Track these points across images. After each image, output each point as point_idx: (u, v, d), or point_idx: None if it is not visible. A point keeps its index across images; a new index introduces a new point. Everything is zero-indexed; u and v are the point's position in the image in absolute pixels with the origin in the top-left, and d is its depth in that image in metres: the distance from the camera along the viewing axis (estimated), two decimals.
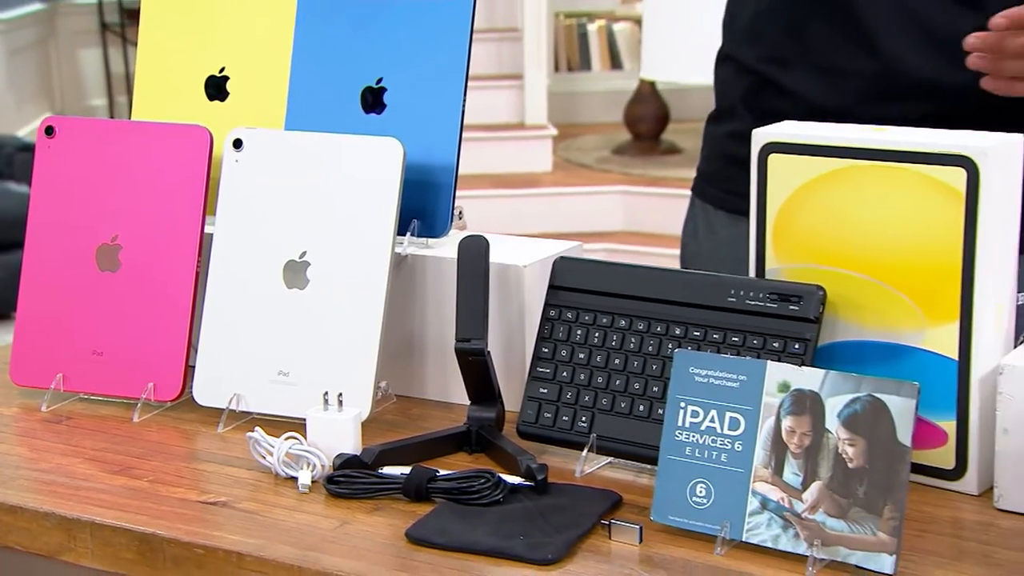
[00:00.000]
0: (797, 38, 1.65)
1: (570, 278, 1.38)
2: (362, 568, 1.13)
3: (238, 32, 1.64)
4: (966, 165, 1.20)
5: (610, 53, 8.36)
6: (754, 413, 1.15)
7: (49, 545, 1.26)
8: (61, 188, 1.55)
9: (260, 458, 1.33)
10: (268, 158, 1.49)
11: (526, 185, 6.56)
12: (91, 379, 1.52)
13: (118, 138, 1.54)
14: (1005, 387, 1.20)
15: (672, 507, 1.18)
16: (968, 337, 1.23)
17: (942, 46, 1.54)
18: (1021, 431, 1.19)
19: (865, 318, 1.28)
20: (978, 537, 1.18)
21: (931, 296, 1.24)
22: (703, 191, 1.83)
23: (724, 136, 1.77)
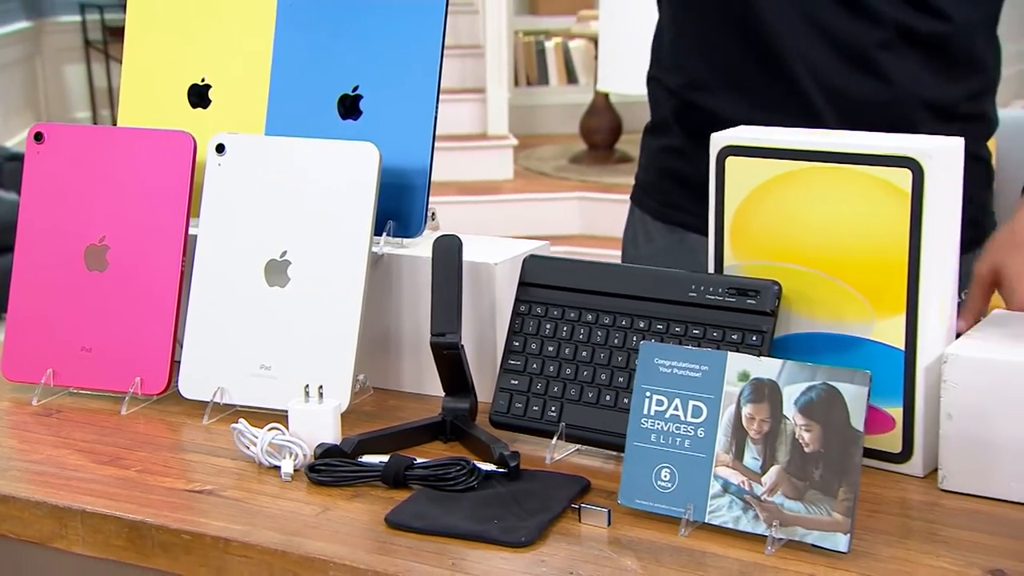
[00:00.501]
0: (714, 62, 1.62)
1: (539, 275, 1.37)
2: (343, 552, 1.11)
3: (219, 43, 1.62)
4: (911, 166, 1.20)
5: (566, 69, 8.40)
6: (715, 401, 1.15)
7: (41, 533, 1.24)
8: (50, 191, 1.53)
9: (244, 448, 1.31)
10: (250, 162, 1.47)
11: (489, 192, 6.58)
12: (80, 374, 1.50)
13: (105, 143, 1.52)
14: (949, 375, 1.20)
15: (638, 491, 1.17)
16: (914, 328, 1.23)
17: (850, 60, 1.54)
18: (964, 416, 1.19)
19: (817, 311, 1.27)
20: (924, 516, 1.18)
21: (879, 290, 1.24)
22: (641, 201, 1.80)
23: (659, 150, 1.74)
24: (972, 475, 1.20)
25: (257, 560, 1.14)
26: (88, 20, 9.00)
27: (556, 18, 8.22)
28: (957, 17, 1.55)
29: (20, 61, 8.67)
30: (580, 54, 8.33)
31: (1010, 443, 1.18)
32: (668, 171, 1.69)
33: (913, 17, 1.52)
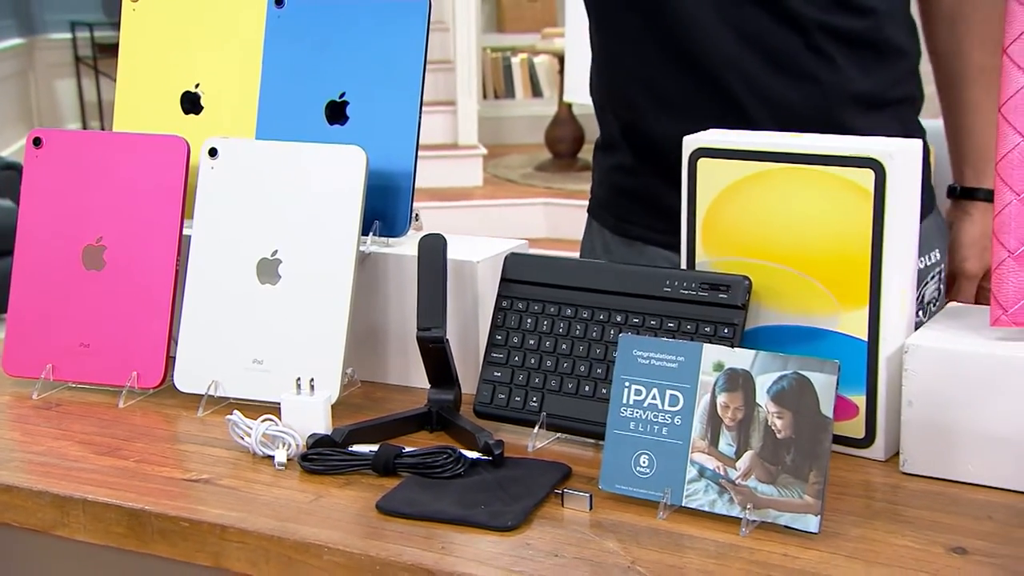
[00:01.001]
0: (648, 85, 1.59)
1: (520, 272, 1.35)
2: (337, 537, 1.09)
3: (211, 52, 1.60)
4: (874, 166, 1.19)
5: (531, 82, 8.45)
6: (692, 391, 1.13)
7: (44, 521, 1.21)
8: (48, 194, 1.50)
9: (239, 439, 1.29)
10: (241, 165, 1.45)
11: (460, 198, 6.59)
12: (79, 369, 1.47)
13: (102, 148, 1.49)
14: (910, 364, 1.19)
15: (618, 477, 1.15)
16: (876, 320, 1.22)
17: (781, 66, 1.53)
18: (924, 403, 1.19)
19: (785, 305, 1.26)
20: (887, 498, 1.17)
21: (843, 284, 1.23)
22: (597, 214, 1.75)
23: (610, 168, 1.70)
24: (932, 458, 1.19)
25: (253, 546, 1.11)
26: (78, 37, 9.09)
27: (521, 35, 8.24)
28: (879, 8, 1.54)
29: (14, 76, 8.70)
30: (544, 69, 8.37)
31: (968, 428, 1.17)
32: (620, 188, 1.66)
33: (838, 16, 1.51)
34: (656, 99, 1.58)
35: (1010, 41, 1.18)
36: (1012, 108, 1.18)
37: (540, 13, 8.55)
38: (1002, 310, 1.19)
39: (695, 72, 1.53)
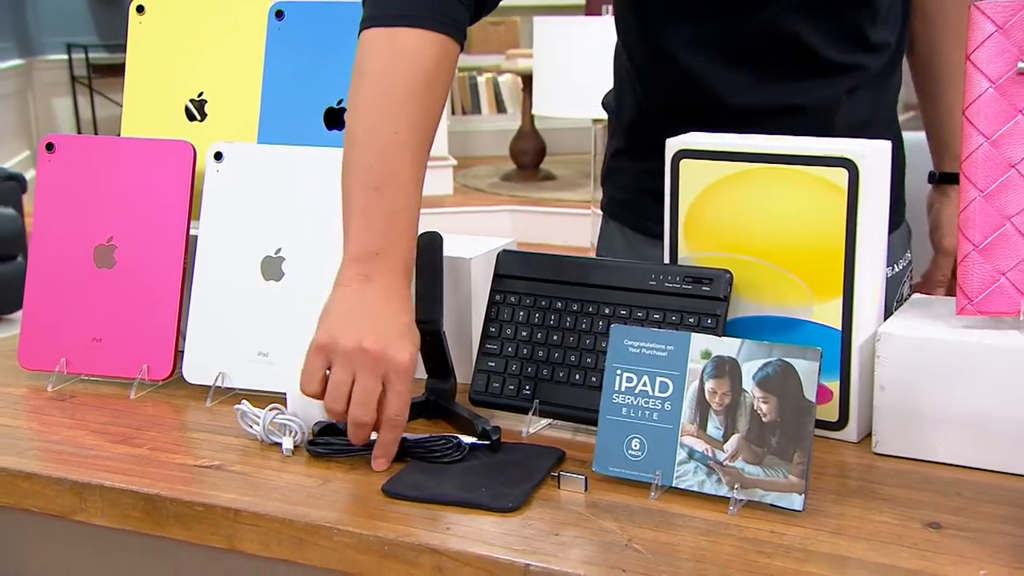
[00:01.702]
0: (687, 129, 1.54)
1: (512, 268, 1.32)
2: (346, 520, 1.06)
3: (213, 62, 1.55)
4: (848, 166, 1.17)
5: (496, 100, 8.42)
6: (681, 378, 1.10)
7: (62, 507, 1.17)
8: (61, 196, 1.45)
9: (247, 427, 1.25)
10: (245, 168, 1.41)
11: (432, 206, 6.56)
12: (91, 362, 1.43)
13: (112, 152, 1.45)
14: (882, 352, 1.16)
15: (611, 459, 1.12)
16: (849, 310, 1.19)
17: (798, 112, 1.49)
18: (895, 388, 1.16)
19: (763, 297, 1.23)
20: (863, 477, 1.14)
21: (818, 276, 1.20)
22: (619, 215, 1.69)
23: (640, 172, 1.61)
24: (902, 439, 1.17)
25: (266, 528, 1.07)
26: (74, 58, 9.22)
27: (487, 56, 8.23)
28: (881, 45, 1.51)
29: (14, 94, 8.72)
30: (508, 87, 8.37)
31: (936, 411, 1.14)
32: (648, 190, 1.60)
33: (859, 56, 1.48)
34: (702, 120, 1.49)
35: (973, 47, 1.16)
36: (975, 111, 1.16)
37: (504, 36, 8.55)
38: (968, 300, 1.17)
39: (718, 110, 1.48)
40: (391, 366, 1.14)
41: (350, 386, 1.14)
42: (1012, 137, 1.15)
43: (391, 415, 1.15)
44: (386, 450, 1.16)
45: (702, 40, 1.46)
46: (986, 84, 1.16)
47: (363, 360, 1.14)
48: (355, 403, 1.14)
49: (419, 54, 1.24)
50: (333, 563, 1.05)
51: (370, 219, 1.20)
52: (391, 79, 1.23)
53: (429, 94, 1.24)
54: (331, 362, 1.15)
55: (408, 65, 1.23)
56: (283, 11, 1.50)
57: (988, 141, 1.16)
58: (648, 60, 1.54)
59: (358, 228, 1.20)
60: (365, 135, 1.22)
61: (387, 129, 1.21)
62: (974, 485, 1.11)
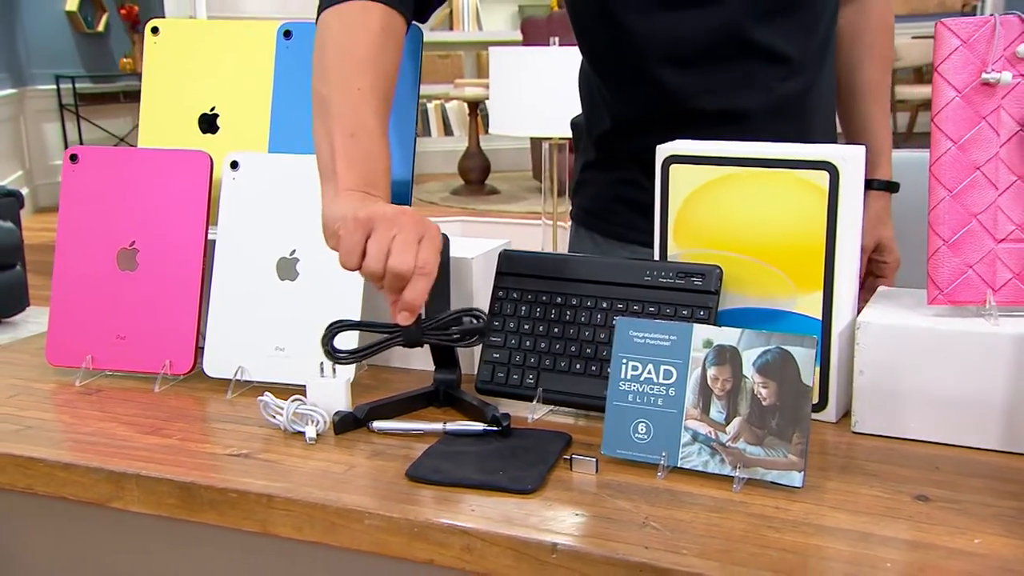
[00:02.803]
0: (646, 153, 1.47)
1: (513, 266, 1.25)
2: (376, 504, 0.98)
3: (225, 78, 1.47)
4: (829, 168, 1.11)
5: (444, 124, 8.38)
6: (684, 365, 1.04)
7: (100, 495, 1.08)
8: (84, 204, 1.36)
9: (270, 417, 1.17)
10: (260, 176, 1.33)
11: None
12: (116, 358, 1.33)
13: (133, 162, 1.36)
14: (862, 339, 1.11)
15: (619, 442, 1.06)
16: (830, 301, 1.14)
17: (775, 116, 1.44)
18: (873, 372, 1.11)
19: (749, 290, 1.18)
20: (847, 454, 1.09)
21: (800, 271, 1.15)
22: (590, 223, 1.61)
23: (612, 181, 1.56)
24: (880, 419, 1.12)
25: (298, 513, 0.99)
26: (62, 88, 9.36)
27: (435, 86, 8.14)
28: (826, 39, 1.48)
29: (7, 120, 8.76)
30: (455, 113, 8.35)
31: (912, 392, 1.09)
32: (621, 198, 1.53)
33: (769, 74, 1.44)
34: (664, 122, 1.44)
35: (940, 60, 1.11)
36: (944, 118, 1.11)
37: (450, 67, 8.53)
38: (938, 290, 1.12)
39: (690, 124, 1.41)
40: (427, 228, 1.07)
41: (388, 246, 1.05)
42: (977, 142, 1.11)
43: (421, 264, 1.05)
44: (414, 301, 1.05)
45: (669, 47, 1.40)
46: (952, 93, 1.11)
47: (404, 220, 1.06)
48: (396, 253, 1.04)
49: (366, 23, 1.22)
50: (364, 545, 0.97)
51: (351, 160, 1.14)
52: (348, 44, 1.21)
53: (382, 57, 1.22)
54: (371, 231, 1.06)
55: (359, 31, 1.22)
56: (291, 31, 1.42)
57: (955, 145, 1.11)
58: (617, 74, 1.48)
59: (342, 167, 1.14)
60: (335, 92, 1.18)
61: (352, 85, 1.18)
62: (949, 460, 1.06)
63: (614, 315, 1.18)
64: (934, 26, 1.10)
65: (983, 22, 1.11)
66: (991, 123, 1.10)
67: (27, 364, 1.40)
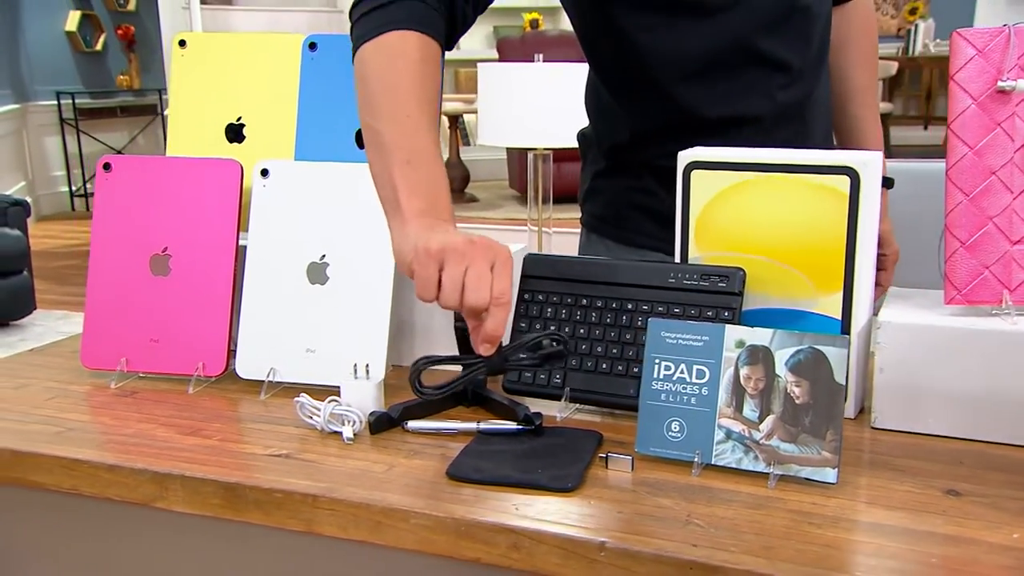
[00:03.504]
0: (657, 160, 1.42)
1: (538, 270, 1.20)
2: (421, 503, 0.93)
3: (251, 89, 1.41)
4: (850, 173, 1.07)
5: None
6: (716, 365, 0.99)
7: (144, 496, 1.02)
8: (117, 211, 1.30)
9: (306, 418, 1.11)
10: (290, 183, 1.27)
11: None
12: (150, 361, 1.27)
13: (164, 171, 1.29)
14: (882, 338, 1.07)
15: (652, 441, 1.01)
16: (849, 302, 1.10)
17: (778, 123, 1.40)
18: (892, 369, 1.07)
19: (770, 291, 1.13)
20: (871, 449, 1.04)
21: (820, 272, 1.10)
22: (601, 229, 1.55)
23: (625, 189, 1.50)
24: (900, 415, 1.08)
25: (343, 512, 0.94)
26: (62, 103, 9.38)
27: None
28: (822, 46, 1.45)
29: (10, 134, 8.72)
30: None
31: (931, 389, 1.06)
32: (633, 204, 1.48)
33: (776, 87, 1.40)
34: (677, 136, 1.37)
35: (956, 69, 1.07)
36: (960, 125, 1.07)
37: None
38: (956, 290, 1.08)
39: (698, 132, 1.37)
40: (498, 253, 1.00)
41: (463, 280, 0.99)
42: (993, 147, 1.07)
43: (498, 294, 0.99)
44: (495, 332, 1.00)
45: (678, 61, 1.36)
46: (969, 101, 1.07)
47: (474, 251, 0.99)
48: (471, 289, 0.98)
49: (405, 53, 1.14)
50: (410, 544, 0.92)
51: (412, 187, 1.07)
52: (391, 75, 1.13)
53: (426, 83, 1.14)
54: (443, 263, 1.00)
55: (400, 58, 1.14)
56: (316, 43, 1.37)
57: (972, 151, 1.07)
58: (627, 88, 1.43)
59: (404, 196, 1.07)
60: (385, 124, 1.10)
61: (401, 114, 1.11)
62: (971, 455, 1.02)
63: (639, 316, 1.13)
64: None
65: (997, 32, 1.07)
66: (1006, 129, 1.06)
67: (61, 367, 1.33)
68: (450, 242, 0.99)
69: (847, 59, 1.55)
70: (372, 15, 1.16)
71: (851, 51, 1.55)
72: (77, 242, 7.84)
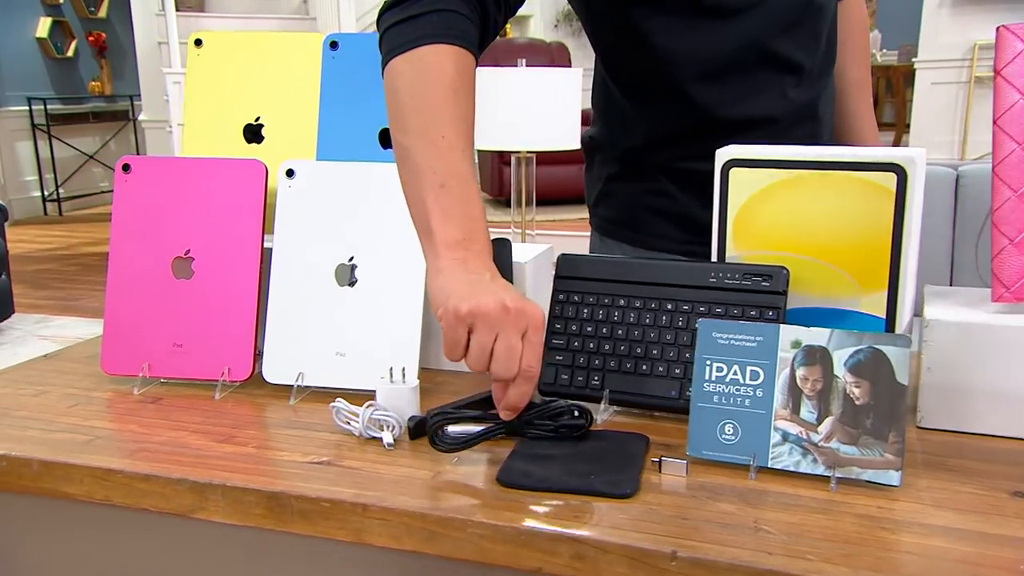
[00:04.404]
0: (673, 163, 1.39)
1: (572, 270, 1.15)
2: (478, 510, 0.87)
3: (269, 89, 1.35)
4: (897, 170, 1.04)
5: None
6: (771, 366, 0.95)
7: (182, 506, 0.96)
8: (137, 213, 1.23)
9: (343, 423, 1.05)
10: (316, 184, 1.21)
11: None
12: (174, 366, 1.21)
13: (186, 172, 1.23)
14: (930, 337, 1.03)
15: (705, 444, 0.96)
16: (895, 300, 1.06)
17: (793, 123, 1.36)
18: (940, 368, 1.03)
19: (812, 290, 1.10)
20: (923, 449, 1.00)
21: (865, 271, 1.07)
22: (615, 232, 1.51)
23: (640, 192, 1.45)
24: (947, 414, 1.04)
25: (395, 522, 0.88)
26: (34, 109, 9.35)
27: None
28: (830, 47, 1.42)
29: None
30: None
31: (981, 388, 1.02)
32: (649, 208, 1.44)
33: None
34: (704, 157, 1.35)
35: (1004, 64, 1.04)
36: (1008, 120, 1.04)
37: None
38: (1004, 288, 1.05)
39: (712, 133, 1.33)
40: (530, 321, 0.95)
41: (492, 346, 0.94)
42: None
43: (526, 367, 0.95)
44: (518, 403, 0.97)
45: (696, 63, 1.32)
46: (1016, 96, 1.04)
47: (506, 319, 0.94)
48: (499, 361, 0.94)
49: (440, 65, 1.06)
50: (467, 554, 0.87)
51: (446, 212, 1.00)
52: (423, 90, 1.05)
53: (458, 98, 1.06)
54: (472, 327, 0.95)
55: (434, 74, 1.06)
56: (337, 42, 1.31)
57: (1021, 147, 1.03)
58: (644, 91, 1.38)
59: (437, 222, 1.00)
60: (417, 142, 1.03)
61: (436, 134, 1.03)
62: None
63: (679, 317, 1.09)
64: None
65: None
66: None
67: (80, 373, 1.26)
68: (481, 305, 0.94)
69: (844, 55, 1.52)
70: (403, 26, 1.08)
71: (848, 47, 1.53)
72: (51, 246, 7.69)
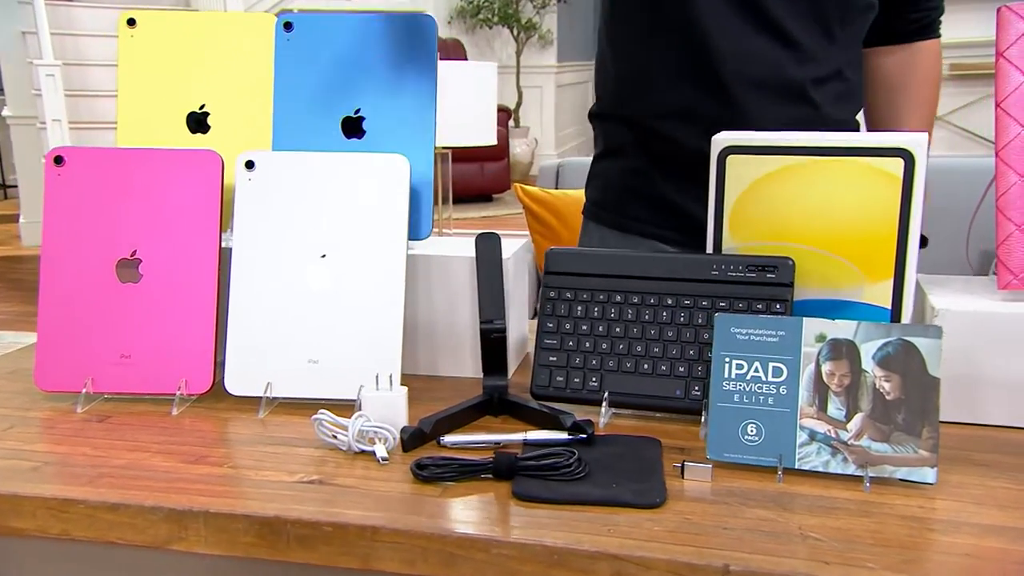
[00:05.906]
0: (676, 109, 1.31)
1: (562, 265, 1.08)
2: (499, 527, 0.79)
3: (214, 74, 1.23)
4: (904, 155, 0.99)
5: None
6: (795, 362, 0.90)
7: (157, 538, 0.84)
8: (73, 211, 1.10)
9: (328, 437, 0.95)
10: (280, 176, 1.10)
11: None
12: (121, 380, 1.08)
13: (130, 164, 1.11)
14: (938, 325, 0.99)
15: (726, 446, 0.90)
16: (900, 290, 1.02)
17: (781, 95, 1.30)
18: (951, 358, 1.00)
19: (813, 281, 1.05)
20: (943, 443, 0.95)
21: (869, 260, 1.02)
22: (598, 216, 1.45)
23: (619, 171, 1.41)
24: (959, 407, 1.01)
25: (409, 546, 0.79)
26: None
27: None
28: (854, 79, 1.36)
29: None
30: None
31: (992, 379, 0.99)
32: (628, 188, 1.38)
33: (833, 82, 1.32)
34: (681, 116, 1.30)
35: (1006, 46, 1.01)
36: (1011, 103, 1.01)
37: None
38: (1012, 275, 1.02)
39: (720, 96, 1.27)
40: None
41: None
42: None
43: None
44: None
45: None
46: (1020, 78, 1.01)
47: None
48: None
49: None
50: None
51: None
52: None
53: None
54: None
55: None
56: (292, 23, 1.20)
57: None
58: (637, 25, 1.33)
59: None
60: None
61: None
62: None
63: (681, 312, 1.03)
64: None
65: None
66: None
67: (9, 391, 1.13)
68: None
69: (902, 102, 1.46)
70: None
71: (909, 95, 1.46)
72: None
